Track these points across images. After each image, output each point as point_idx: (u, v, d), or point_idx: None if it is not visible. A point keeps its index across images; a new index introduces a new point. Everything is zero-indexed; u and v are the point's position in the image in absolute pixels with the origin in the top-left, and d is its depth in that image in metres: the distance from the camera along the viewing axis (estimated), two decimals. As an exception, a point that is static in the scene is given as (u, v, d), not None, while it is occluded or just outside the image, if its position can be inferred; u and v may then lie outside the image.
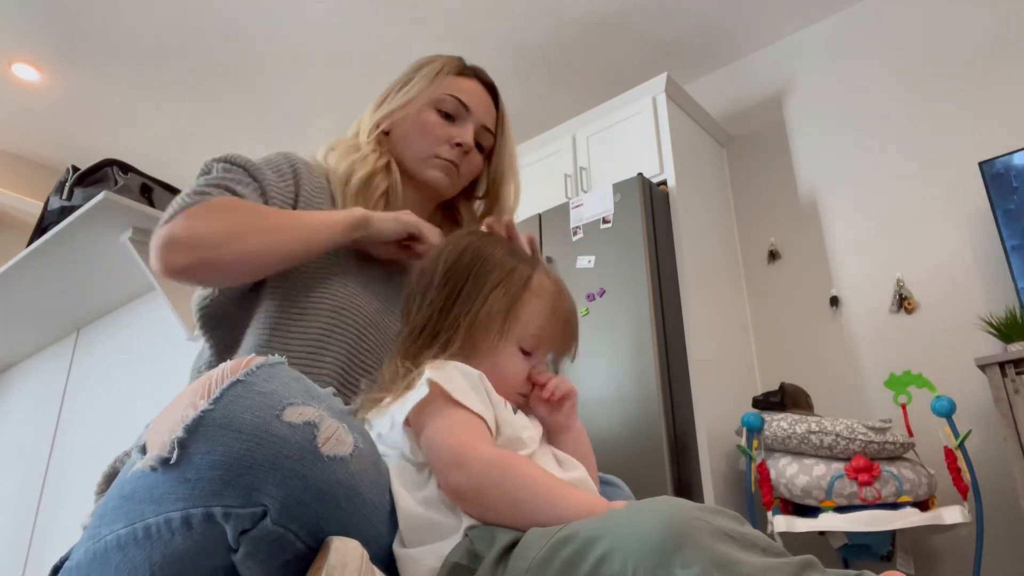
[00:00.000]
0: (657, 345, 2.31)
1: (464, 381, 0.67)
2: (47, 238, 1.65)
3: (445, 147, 1.03)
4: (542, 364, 0.78)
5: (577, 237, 2.63)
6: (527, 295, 0.76)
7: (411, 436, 0.65)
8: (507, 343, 0.74)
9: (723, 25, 3.10)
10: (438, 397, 0.64)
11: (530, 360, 0.76)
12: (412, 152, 1.04)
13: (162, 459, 0.53)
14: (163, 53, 3.25)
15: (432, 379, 0.65)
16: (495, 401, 0.68)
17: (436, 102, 1.04)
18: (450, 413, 0.64)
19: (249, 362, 0.57)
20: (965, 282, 2.43)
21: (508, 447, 0.67)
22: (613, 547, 0.46)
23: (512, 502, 0.58)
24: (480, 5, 2.98)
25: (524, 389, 0.76)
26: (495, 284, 0.75)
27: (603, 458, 2.49)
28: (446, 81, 1.06)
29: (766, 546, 0.46)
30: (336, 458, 0.54)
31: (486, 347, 0.74)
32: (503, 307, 0.74)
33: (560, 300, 0.79)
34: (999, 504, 2.15)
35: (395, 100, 1.05)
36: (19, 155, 4.06)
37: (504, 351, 0.74)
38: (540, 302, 0.77)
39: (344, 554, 0.51)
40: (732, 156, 3.22)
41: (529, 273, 0.78)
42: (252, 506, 0.51)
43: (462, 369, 0.68)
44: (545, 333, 0.76)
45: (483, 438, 0.63)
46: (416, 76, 1.06)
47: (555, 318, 0.77)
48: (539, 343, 0.76)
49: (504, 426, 0.67)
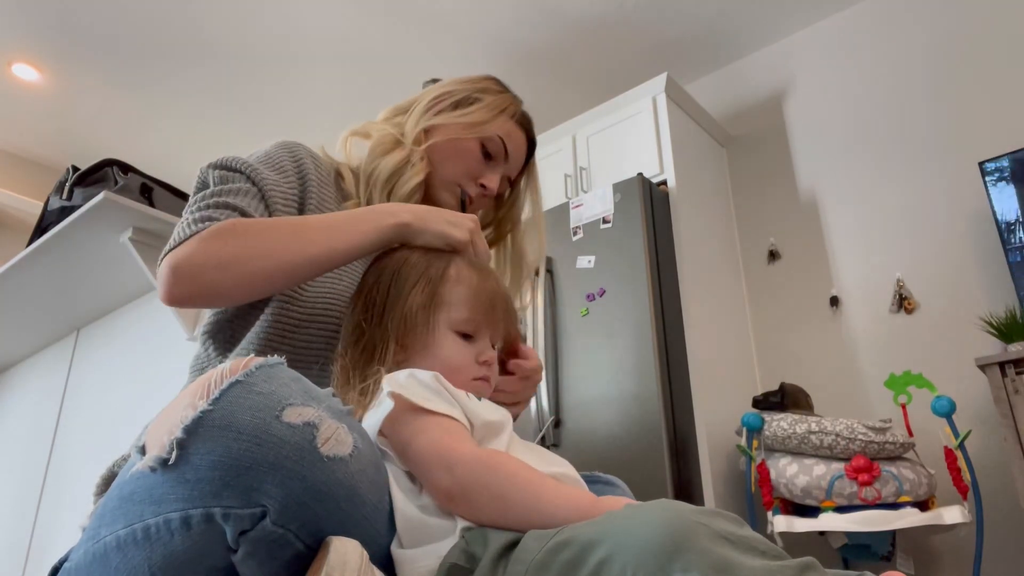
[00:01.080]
0: (657, 345, 2.31)
1: (421, 387, 0.67)
2: (47, 238, 1.65)
3: (472, 184, 1.03)
4: (488, 348, 0.79)
5: (577, 237, 2.63)
6: (445, 284, 0.78)
7: (388, 446, 0.65)
8: (440, 333, 0.76)
9: (723, 25, 3.10)
10: (404, 410, 0.64)
11: (473, 345, 0.77)
12: (439, 170, 1.02)
13: (161, 460, 0.52)
14: (163, 53, 3.25)
15: (393, 392, 0.65)
16: (457, 395, 0.68)
17: (486, 138, 1.03)
18: (422, 420, 0.64)
19: (248, 363, 0.57)
20: (965, 282, 2.43)
21: (485, 436, 0.68)
22: (612, 551, 0.46)
23: (499, 499, 0.58)
24: (480, 5, 2.98)
25: (478, 372, 0.77)
26: (413, 284, 0.77)
27: (603, 458, 2.48)
28: (504, 124, 1.04)
29: (765, 549, 0.46)
30: (336, 458, 0.54)
31: (421, 343, 0.75)
32: (423, 303, 0.76)
33: (483, 282, 0.80)
34: (999, 504, 2.15)
35: (452, 116, 1.02)
36: (19, 155, 4.06)
37: (440, 343, 0.76)
38: (462, 287, 0.78)
39: (344, 554, 0.51)
40: (732, 156, 3.22)
41: (444, 265, 0.79)
42: (252, 507, 0.51)
43: (416, 375, 0.68)
44: (475, 315, 0.77)
45: (463, 438, 0.64)
46: (482, 101, 1.04)
47: (479, 299, 0.78)
48: (473, 325, 0.77)
49: (474, 418, 0.67)
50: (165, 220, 1.59)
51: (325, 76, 3.39)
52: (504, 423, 0.71)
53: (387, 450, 0.65)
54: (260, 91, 3.52)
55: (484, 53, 3.23)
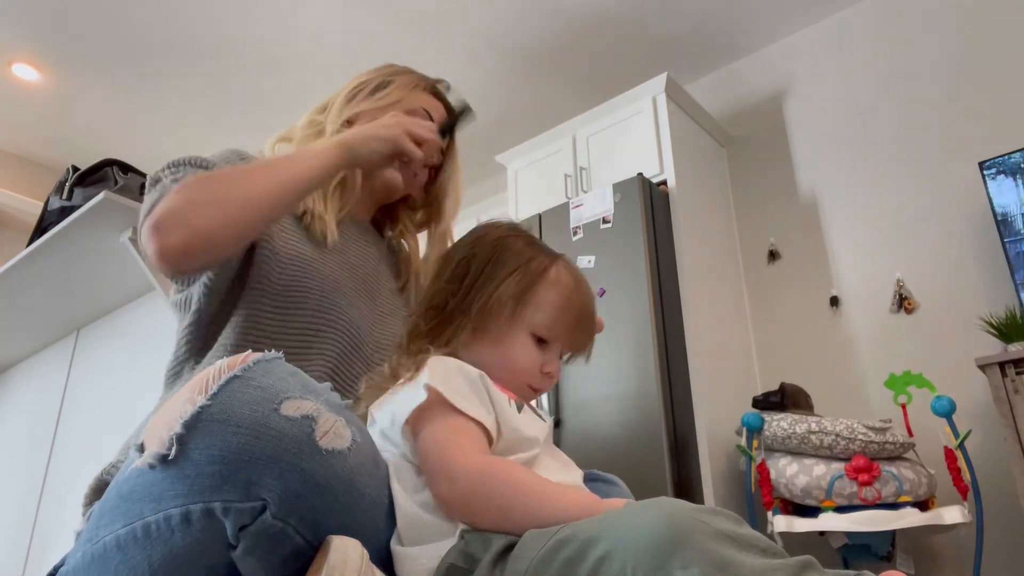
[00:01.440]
0: (657, 345, 2.31)
1: (463, 382, 0.66)
2: (47, 238, 1.65)
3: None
4: (556, 359, 0.77)
5: (577, 237, 2.63)
6: (542, 284, 0.75)
7: (410, 438, 0.65)
8: (518, 330, 0.74)
9: (723, 25, 3.10)
10: (435, 403, 0.63)
11: (544, 352, 0.75)
12: None
13: (160, 456, 0.52)
14: (163, 54, 3.26)
15: (430, 384, 0.64)
16: (496, 400, 0.67)
17: (409, 112, 1.04)
18: (445, 420, 0.63)
19: (246, 358, 0.57)
20: (965, 282, 2.43)
21: (513, 448, 0.66)
22: (612, 548, 0.46)
23: (499, 510, 0.58)
24: (480, 5, 2.98)
25: (536, 381, 0.75)
26: (511, 270, 0.74)
27: (603, 458, 2.48)
28: (421, 96, 1.08)
29: (765, 547, 0.46)
30: (334, 452, 0.54)
31: (496, 333, 0.73)
32: (515, 293, 0.73)
33: (577, 293, 0.77)
34: (999, 504, 2.15)
35: (372, 100, 1.05)
36: (19, 155, 4.06)
37: (515, 338, 0.73)
38: (555, 292, 0.76)
39: (344, 553, 0.52)
40: (732, 156, 3.22)
41: (548, 263, 0.77)
42: (251, 500, 0.51)
43: (463, 369, 0.67)
44: (558, 324, 0.75)
45: (474, 446, 0.62)
46: (394, 82, 1.07)
47: (569, 310, 0.76)
48: (552, 333, 0.75)
49: (505, 427, 0.66)
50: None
51: (324, 76, 3.39)
52: (536, 440, 0.69)
53: (407, 440, 0.64)
54: (260, 91, 3.52)
55: (484, 53, 3.23)
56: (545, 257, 0.78)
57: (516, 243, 0.78)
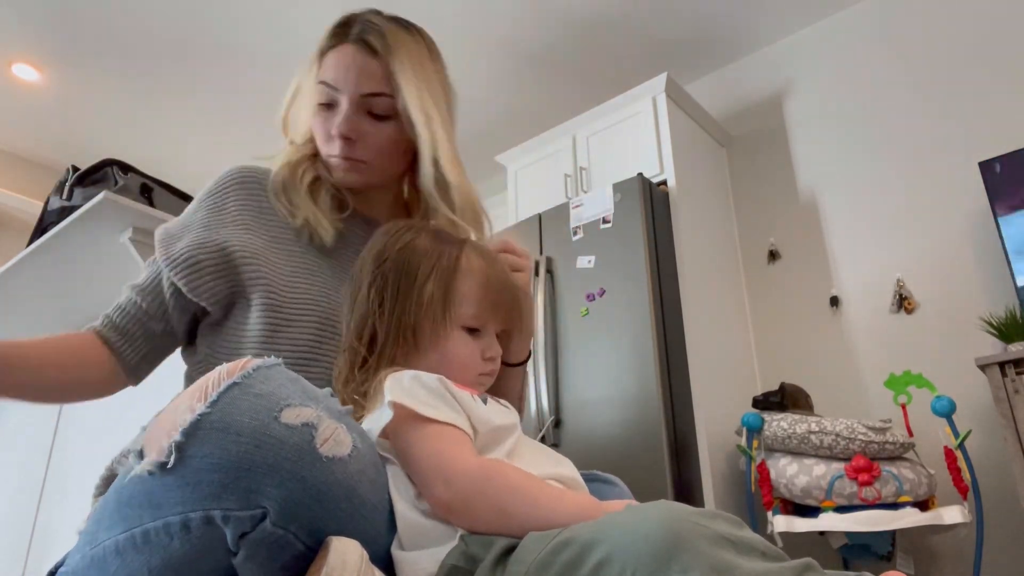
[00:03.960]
0: (657, 345, 2.31)
1: (424, 392, 0.65)
2: (47, 238, 1.65)
3: (333, 144, 0.92)
4: (493, 341, 0.77)
5: (577, 237, 2.63)
6: (458, 277, 0.75)
7: (389, 450, 0.65)
8: (450, 329, 0.74)
9: (723, 25, 3.09)
10: (405, 419, 0.63)
11: (479, 339, 0.76)
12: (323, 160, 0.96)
13: (159, 463, 0.52)
14: (163, 53, 3.25)
15: (394, 401, 0.63)
16: (462, 400, 0.66)
17: (317, 96, 0.92)
18: (423, 430, 0.63)
19: (246, 364, 0.56)
20: (965, 282, 2.43)
21: (490, 443, 0.67)
22: (611, 552, 0.46)
23: (499, 511, 0.58)
24: (480, 5, 2.98)
25: (484, 368, 0.76)
26: (426, 276, 0.74)
27: (603, 458, 2.48)
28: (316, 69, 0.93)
29: (765, 550, 0.46)
30: (335, 459, 0.54)
31: (432, 338, 0.73)
32: (438, 296, 0.73)
33: (492, 273, 0.77)
34: (999, 504, 2.15)
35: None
36: (19, 155, 4.06)
37: (449, 338, 0.74)
38: (472, 280, 0.76)
39: (344, 554, 0.51)
40: (732, 156, 3.22)
41: (456, 254, 0.77)
42: (251, 508, 0.51)
43: (420, 380, 0.66)
44: (483, 310, 0.75)
45: (463, 448, 0.62)
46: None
47: (489, 292, 0.76)
48: (480, 320, 0.75)
49: (478, 423, 0.66)
50: (165, 220, 1.58)
51: (325, 76, 3.38)
52: (511, 427, 0.70)
53: (387, 454, 0.65)
54: (261, 91, 3.51)
55: (485, 53, 3.23)
56: (452, 247, 0.77)
57: (419, 242, 0.77)
